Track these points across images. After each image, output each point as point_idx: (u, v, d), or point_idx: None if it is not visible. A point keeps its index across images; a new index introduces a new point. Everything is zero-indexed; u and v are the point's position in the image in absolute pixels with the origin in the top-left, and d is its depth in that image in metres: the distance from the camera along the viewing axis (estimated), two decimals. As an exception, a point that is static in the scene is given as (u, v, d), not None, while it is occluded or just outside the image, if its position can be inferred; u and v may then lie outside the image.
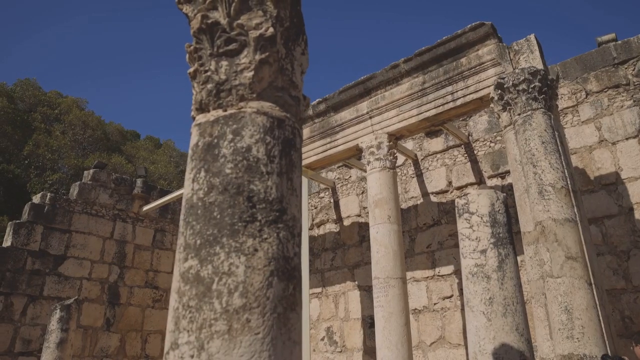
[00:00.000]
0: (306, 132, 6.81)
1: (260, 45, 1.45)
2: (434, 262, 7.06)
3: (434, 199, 7.35)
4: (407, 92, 5.83)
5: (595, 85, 6.20)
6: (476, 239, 2.79)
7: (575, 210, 4.35)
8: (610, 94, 6.05)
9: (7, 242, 8.32)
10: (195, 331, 1.16)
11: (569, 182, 4.43)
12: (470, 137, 7.22)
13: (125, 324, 9.36)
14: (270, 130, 1.38)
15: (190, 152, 1.43)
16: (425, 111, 5.64)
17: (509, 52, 5.16)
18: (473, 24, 5.31)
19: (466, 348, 6.44)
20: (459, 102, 5.40)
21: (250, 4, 1.47)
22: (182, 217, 1.35)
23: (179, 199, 10.09)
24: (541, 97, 4.70)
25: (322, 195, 9.00)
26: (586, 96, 6.25)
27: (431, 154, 7.57)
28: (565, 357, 3.87)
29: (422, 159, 7.67)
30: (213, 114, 1.43)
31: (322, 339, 8.03)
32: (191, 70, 1.51)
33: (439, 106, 5.54)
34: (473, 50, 5.38)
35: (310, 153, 6.85)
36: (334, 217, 8.65)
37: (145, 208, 10.03)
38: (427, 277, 7.07)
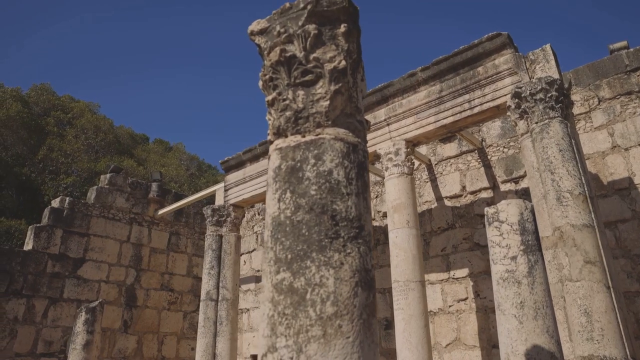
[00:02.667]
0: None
1: (334, 76, 1.60)
2: (449, 265, 7.21)
3: (448, 203, 7.50)
4: (424, 99, 5.98)
5: (607, 92, 6.34)
6: (506, 246, 2.94)
7: (593, 216, 4.49)
8: (623, 101, 6.18)
9: (29, 246, 8.51)
10: (293, 336, 1.31)
11: (586, 189, 4.57)
12: (483, 143, 7.36)
13: (142, 326, 9.53)
14: (347, 154, 1.53)
15: (272, 173, 1.58)
16: (443, 118, 5.78)
17: (525, 62, 5.30)
18: (490, 34, 5.45)
19: (481, 349, 6.58)
20: (476, 110, 5.54)
21: (323, 38, 1.62)
22: (269, 233, 1.50)
23: (193, 203, 10.28)
24: (558, 106, 4.84)
25: (335, 199, 9.14)
26: (599, 103, 6.39)
27: (445, 159, 7.71)
28: (585, 358, 4.01)
29: (435, 164, 7.81)
30: (292, 139, 1.58)
31: (338, 341, 8.16)
32: (269, 98, 1.67)
33: (456, 114, 5.68)
34: (490, 59, 5.52)
35: (328, 159, 6.99)
36: (348, 220, 8.79)
37: (160, 212, 10.22)
38: (442, 280, 7.21)
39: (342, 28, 1.62)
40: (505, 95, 5.32)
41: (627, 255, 5.74)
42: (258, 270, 10.29)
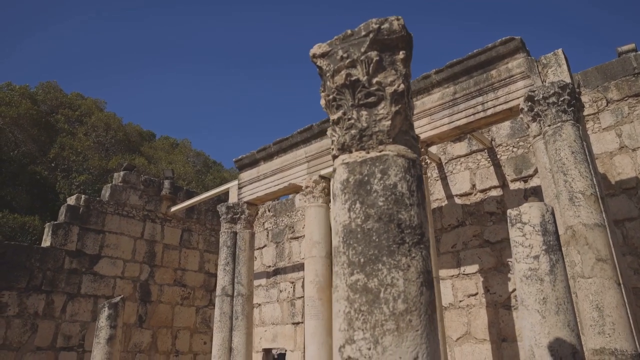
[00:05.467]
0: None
1: (394, 99, 1.79)
2: (459, 261, 7.41)
3: (458, 201, 7.69)
4: (438, 101, 6.16)
5: (615, 94, 6.52)
6: (529, 246, 3.14)
7: (604, 215, 4.69)
8: (631, 103, 6.37)
9: (47, 242, 8.70)
10: (370, 329, 1.51)
11: (597, 190, 4.77)
12: (493, 142, 7.55)
13: (156, 321, 9.75)
14: (408, 169, 1.72)
15: (340, 185, 1.77)
16: (457, 120, 5.96)
17: (537, 66, 5.48)
18: (503, 38, 5.63)
19: (491, 343, 6.80)
20: (489, 112, 5.72)
21: (384, 64, 1.81)
22: (340, 239, 1.69)
23: (205, 201, 10.46)
24: (570, 109, 5.03)
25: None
26: (607, 104, 6.57)
27: (455, 158, 7.90)
28: (597, 351, 4.22)
29: (446, 163, 8.00)
30: (357, 155, 1.77)
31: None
32: (334, 117, 1.86)
33: (470, 115, 5.86)
34: (503, 63, 5.70)
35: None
36: (359, 217, 8.98)
37: (173, 209, 10.41)
38: (453, 276, 7.42)
39: (401, 54, 1.81)
40: (518, 98, 5.50)
41: (634, 252, 5.94)
42: (269, 266, 10.50)
